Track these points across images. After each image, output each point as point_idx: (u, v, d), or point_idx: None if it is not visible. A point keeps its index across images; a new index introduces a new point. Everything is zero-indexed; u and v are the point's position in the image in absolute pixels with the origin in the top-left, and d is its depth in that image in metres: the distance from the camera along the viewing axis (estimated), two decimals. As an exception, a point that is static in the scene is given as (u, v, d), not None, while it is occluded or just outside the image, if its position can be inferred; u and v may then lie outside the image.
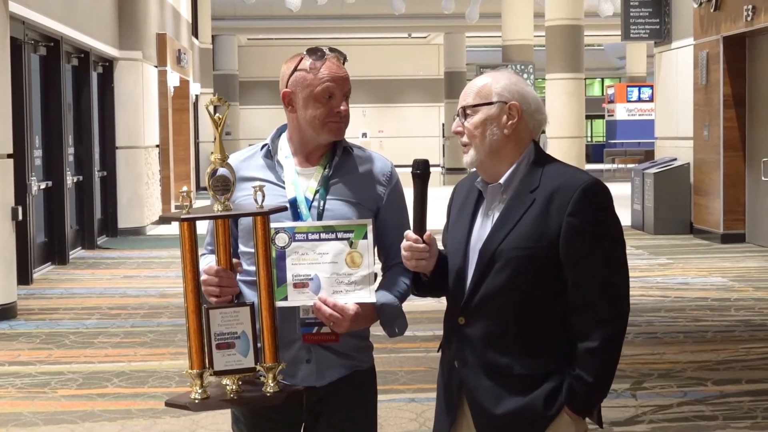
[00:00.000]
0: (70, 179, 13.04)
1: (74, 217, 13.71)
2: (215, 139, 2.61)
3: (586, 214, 2.57)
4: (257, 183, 2.64)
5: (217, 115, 2.62)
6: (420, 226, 2.66)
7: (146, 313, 9.03)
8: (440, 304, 2.87)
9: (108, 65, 15.48)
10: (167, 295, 9.99)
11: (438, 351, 2.84)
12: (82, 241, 13.97)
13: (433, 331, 7.69)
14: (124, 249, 14.05)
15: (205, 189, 2.60)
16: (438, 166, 38.82)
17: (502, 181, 2.67)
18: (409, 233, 2.66)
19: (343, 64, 2.85)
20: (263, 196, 2.60)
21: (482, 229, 2.69)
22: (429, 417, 5.65)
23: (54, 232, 12.38)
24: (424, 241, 2.64)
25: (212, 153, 2.61)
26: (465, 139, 2.70)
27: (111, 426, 5.65)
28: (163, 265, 12.31)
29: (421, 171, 2.69)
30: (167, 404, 2.62)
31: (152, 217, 16.45)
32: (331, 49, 2.83)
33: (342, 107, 2.79)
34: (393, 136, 41.12)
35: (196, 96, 25.06)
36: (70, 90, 13.61)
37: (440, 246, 2.77)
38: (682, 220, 14.57)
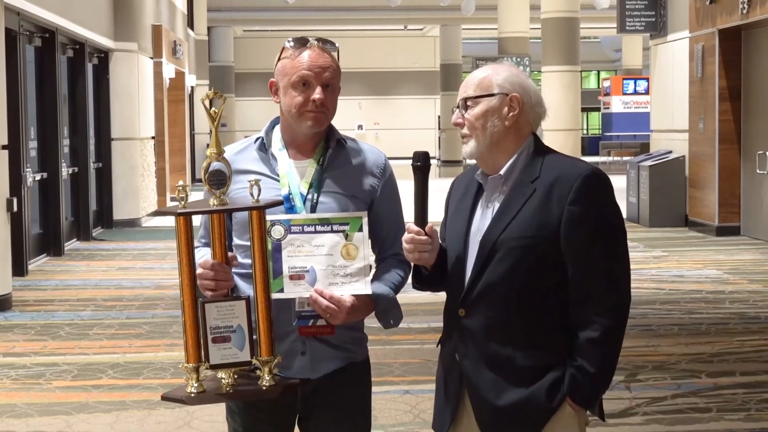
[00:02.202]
0: (65, 171, 13.02)
1: (69, 208, 13.71)
2: (211, 132, 2.61)
3: (588, 202, 2.57)
4: (253, 177, 2.64)
5: (213, 109, 2.62)
6: (421, 219, 2.64)
7: (141, 305, 9.03)
8: (436, 296, 2.87)
9: (103, 57, 15.46)
10: (162, 286, 9.99)
11: (437, 345, 2.83)
12: (77, 233, 13.96)
13: (429, 323, 7.70)
14: (120, 240, 14.04)
15: (200, 181, 2.61)
16: (434, 158, 38.79)
17: (502, 172, 2.67)
18: (411, 226, 2.64)
19: (336, 54, 2.84)
20: (259, 191, 2.60)
21: (482, 220, 2.68)
22: (424, 409, 5.66)
23: (49, 223, 12.37)
24: (426, 234, 2.63)
25: (208, 147, 2.61)
26: (465, 130, 2.68)
27: (105, 417, 5.66)
28: (158, 256, 12.30)
29: (422, 163, 2.66)
30: (163, 398, 2.62)
31: (147, 209, 16.44)
32: (319, 39, 2.81)
33: (317, 96, 2.74)
34: (389, 128, 41.12)
35: (192, 88, 25.03)
36: (65, 81, 13.59)
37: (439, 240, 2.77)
38: (677, 213, 14.59)
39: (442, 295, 2.80)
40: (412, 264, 2.75)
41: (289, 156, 2.84)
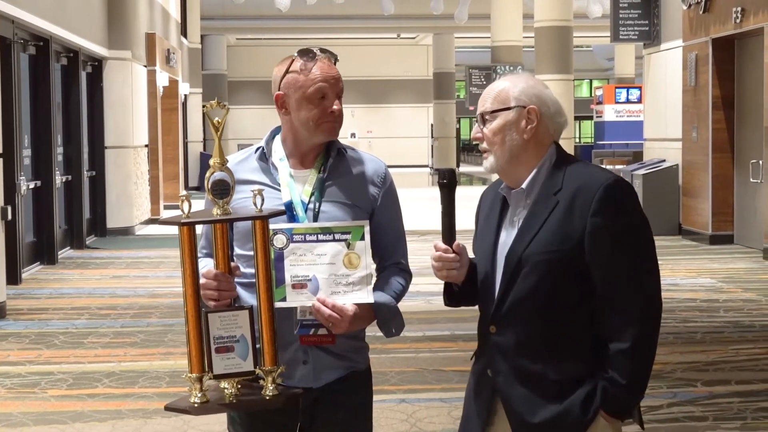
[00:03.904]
0: (59, 179, 13.02)
1: (63, 216, 13.68)
2: (215, 142, 2.61)
3: (610, 212, 2.54)
4: (256, 187, 2.65)
5: (216, 119, 2.62)
6: (449, 236, 2.63)
7: (136, 313, 9.02)
8: (430, 304, 2.87)
9: (97, 65, 15.46)
10: (157, 295, 9.98)
11: (471, 359, 2.81)
12: (71, 241, 13.94)
13: (424, 332, 7.68)
14: (113, 249, 14.02)
15: (193, 189, 2.62)
16: (426, 166, 38.88)
17: (524, 185, 2.64)
18: (438, 243, 2.64)
19: (335, 64, 2.86)
20: (262, 200, 2.60)
21: (508, 235, 2.66)
22: (420, 417, 5.67)
23: (43, 231, 12.35)
24: (453, 251, 2.63)
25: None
26: (484, 145, 2.66)
27: (102, 426, 5.65)
28: (152, 265, 12.29)
29: (448, 180, 2.66)
30: (167, 408, 2.61)
31: (141, 217, 16.43)
32: (322, 50, 2.83)
33: (335, 107, 2.78)
34: (382, 136, 41.14)
35: (185, 96, 25.02)
36: (59, 89, 13.58)
37: (471, 255, 2.75)
38: (671, 222, 14.62)
39: (436, 304, 2.81)
40: (412, 275, 2.75)
41: (290, 165, 2.85)
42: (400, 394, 6.18)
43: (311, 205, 2.79)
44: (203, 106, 2.64)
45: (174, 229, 2.61)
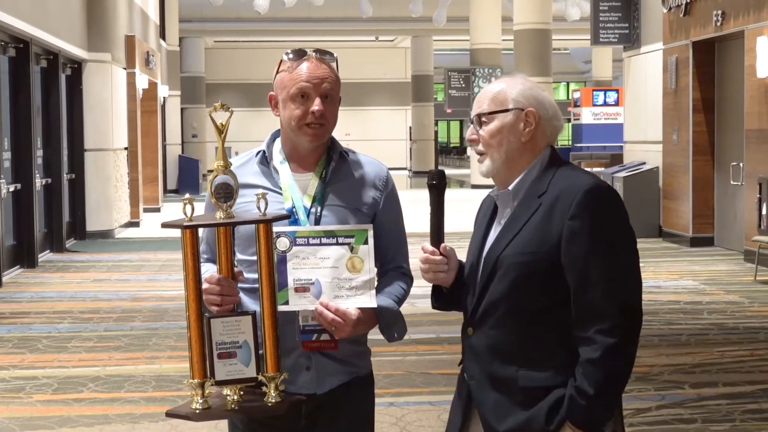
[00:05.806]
0: (38, 182, 12.93)
1: (43, 219, 13.59)
2: (218, 145, 2.58)
3: (588, 216, 2.45)
4: (258, 191, 2.62)
5: (221, 122, 2.59)
6: (437, 238, 2.58)
7: (119, 317, 8.96)
8: (415, 307, 2.85)
9: (77, 67, 15.37)
10: (139, 298, 9.92)
11: (459, 365, 2.73)
12: (51, 244, 13.84)
13: (409, 335, 7.65)
14: (93, 252, 13.94)
15: (171, 192, 2.58)
16: (404, 169, 38.90)
17: (510, 187, 2.58)
18: (426, 245, 2.59)
19: (335, 65, 2.82)
20: (266, 204, 2.57)
21: (493, 237, 2.61)
22: (409, 421, 5.66)
23: (23, 234, 12.26)
24: (441, 253, 2.58)
25: (215, 160, 2.58)
26: (480, 147, 2.59)
27: (89, 431, 5.60)
28: (133, 268, 12.22)
29: (437, 181, 2.60)
30: (168, 414, 2.58)
31: (121, 220, 16.34)
32: (317, 50, 2.79)
33: (316, 107, 2.72)
34: (360, 139, 41.09)
35: (164, 98, 24.92)
36: (38, 92, 13.48)
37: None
38: (652, 224, 14.67)
39: (421, 307, 2.79)
40: (413, 278, 2.72)
41: (291, 169, 2.82)
42: (388, 398, 6.15)
43: (313, 209, 2.76)
44: (181, 108, 2.62)
45: (155, 233, 2.59)
